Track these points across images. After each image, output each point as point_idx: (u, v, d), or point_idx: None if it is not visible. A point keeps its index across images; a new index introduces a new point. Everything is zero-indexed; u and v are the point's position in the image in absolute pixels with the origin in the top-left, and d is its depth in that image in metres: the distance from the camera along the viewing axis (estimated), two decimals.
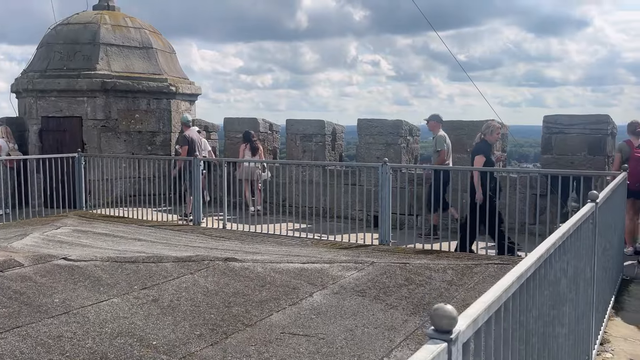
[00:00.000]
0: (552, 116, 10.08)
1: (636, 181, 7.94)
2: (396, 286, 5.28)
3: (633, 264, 7.22)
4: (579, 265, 3.55)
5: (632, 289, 6.28)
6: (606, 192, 4.61)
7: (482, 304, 1.78)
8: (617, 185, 5.51)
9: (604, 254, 4.78)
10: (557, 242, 2.82)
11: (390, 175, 8.07)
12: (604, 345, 4.68)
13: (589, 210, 3.76)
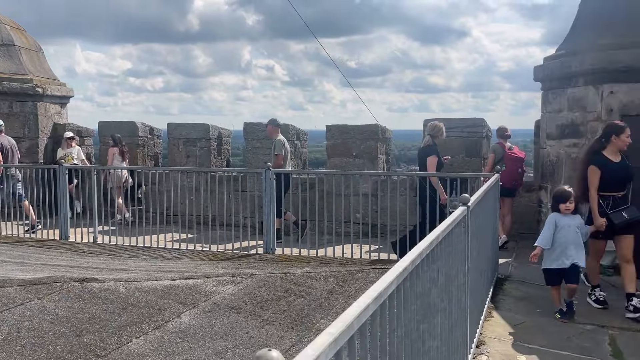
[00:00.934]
0: (430, 120, 10.35)
1: (512, 179, 8.33)
2: (275, 299, 4.99)
3: (508, 262, 7.49)
4: (451, 272, 3.44)
5: (507, 287, 6.46)
6: (478, 195, 4.61)
7: (327, 337, 1.51)
8: (490, 187, 5.61)
9: (479, 256, 4.80)
10: (425, 252, 2.65)
11: (274, 180, 7.81)
12: (480, 347, 4.69)
13: (461, 214, 3.69)
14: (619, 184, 5.58)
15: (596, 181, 5.52)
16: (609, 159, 5.58)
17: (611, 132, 5.58)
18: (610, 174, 5.52)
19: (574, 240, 5.34)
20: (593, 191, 5.55)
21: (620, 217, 5.46)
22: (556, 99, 8.02)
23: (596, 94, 7.07)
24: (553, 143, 8.07)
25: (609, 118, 6.95)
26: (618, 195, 5.57)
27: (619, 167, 5.57)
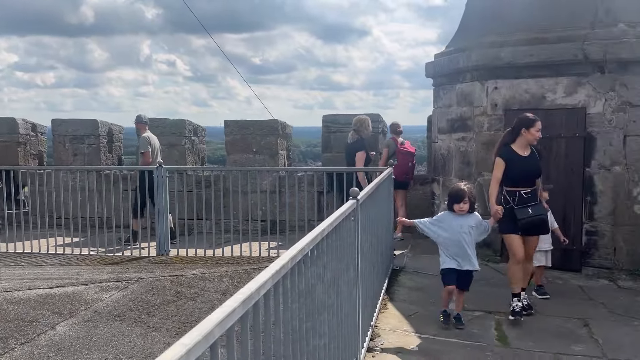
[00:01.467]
0: (330, 116, 10.39)
1: (403, 173, 8.54)
2: (163, 304, 4.72)
3: (403, 254, 7.65)
4: (340, 266, 3.38)
5: (402, 278, 6.58)
6: (369, 189, 4.62)
7: (179, 349, 1.34)
8: (383, 180, 5.66)
9: (371, 249, 4.81)
10: (307, 248, 2.55)
11: (166, 178, 7.45)
12: (375, 340, 4.70)
13: (349, 208, 3.64)
14: (526, 179, 5.23)
15: (498, 174, 5.22)
16: (517, 152, 5.26)
17: (521, 125, 5.27)
18: (517, 168, 5.20)
19: (466, 242, 4.97)
20: (494, 183, 5.27)
21: (525, 213, 5.11)
22: (446, 94, 8.31)
23: (482, 90, 7.39)
24: (444, 137, 8.36)
25: (494, 112, 7.29)
26: (525, 191, 5.20)
27: (526, 162, 5.25)
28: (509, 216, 5.16)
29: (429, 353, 4.50)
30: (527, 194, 5.21)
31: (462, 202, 4.94)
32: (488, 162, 7.35)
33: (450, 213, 5.04)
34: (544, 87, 6.95)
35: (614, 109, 6.64)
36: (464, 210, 4.95)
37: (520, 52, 6.97)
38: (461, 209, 4.94)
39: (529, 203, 5.17)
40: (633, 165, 6.66)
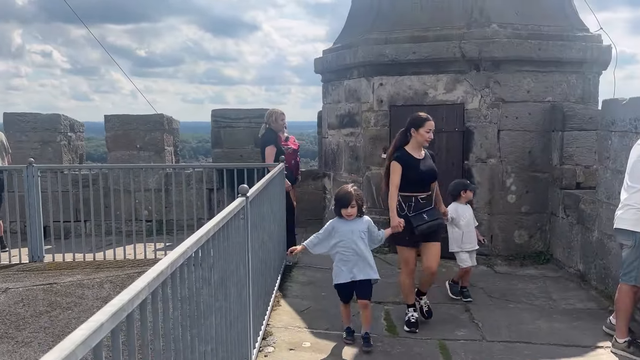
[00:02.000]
0: (220, 110, 10.15)
1: (288, 170, 8.50)
2: (34, 315, 4.31)
3: None
4: (229, 267, 3.26)
5: (294, 273, 6.57)
6: (258, 186, 4.52)
7: None
8: (274, 176, 5.58)
9: (263, 247, 4.72)
10: (190, 251, 2.41)
11: (38, 178, 6.84)
12: (267, 339, 4.63)
13: (238, 206, 3.52)
14: (421, 183, 4.90)
15: (397, 179, 4.83)
16: (411, 154, 4.92)
17: (410, 125, 4.95)
18: (411, 171, 4.85)
19: (360, 248, 4.50)
20: (393, 189, 4.85)
21: (420, 219, 4.78)
22: (335, 90, 8.40)
23: (368, 86, 7.55)
24: (333, 132, 8.45)
25: (380, 108, 7.48)
26: (422, 196, 4.89)
27: (420, 165, 4.92)
28: (404, 226, 4.79)
29: (322, 348, 4.50)
30: (423, 199, 4.89)
31: (349, 206, 4.50)
32: (375, 156, 7.56)
33: (339, 219, 4.59)
34: (426, 83, 7.23)
35: (489, 104, 7.06)
36: (351, 215, 4.52)
37: (403, 50, 7.20)
38: (349, 213, 4.51)
39: (425, 209, 4.86)
40: (506, 157, 7.12)
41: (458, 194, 5.68)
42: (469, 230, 5.65)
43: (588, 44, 7.25)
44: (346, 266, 4.50)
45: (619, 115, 5.45)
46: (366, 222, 4.61)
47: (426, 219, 4.81)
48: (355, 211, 4.53)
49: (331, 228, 4.61)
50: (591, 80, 7.40)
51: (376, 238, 4.69)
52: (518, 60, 6.99)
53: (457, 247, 5.65)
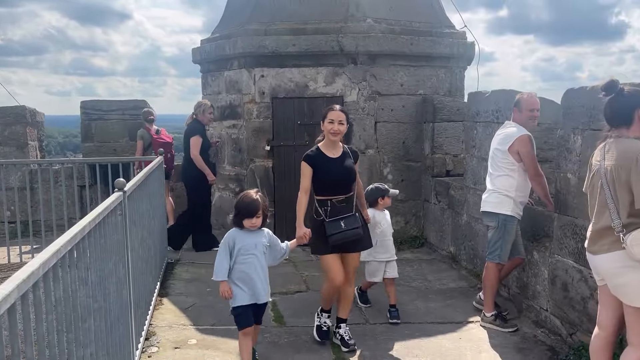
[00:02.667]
0: (90, 102, 9.56)
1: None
2: None
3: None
4: (107, 266, 3.08)
5: (177, 271, 6.37)
6: (137, 179, 4.31)
7: None
8: (152, 170, 5.36)
9: (143, 244, 4.52)
10: (63, 250, 2.23)
11: None
12: (150, 339, 4.45)
13: (115, 202, 3.33)
14: (339, 184, 4.25)
15: (305, 183, 4.23)
16: (325, 153, 4.28)
17: (321, 120, 4.34)
18: (323, 173, 4.23)
19: (262, 265, 3.87)
20: (301, 194, 4.23)
21: (336, 227, 4.15)
22: (215, 81, 8.24)
23: (249, 77, 7.49)
24: (215, 125, 8.28)
25: (262, 100, 7.45)
26: (337, 199, 4.23)
27: (337, 164, 4.26)
28: (322, 233, 4.20)
29: (208, 344, 4.41)
30: (341, 202, 4.24)
31: (254, 216, 3.80)
32: (258, 148, 7.53)
33: (238, 230, 3.85)
34: (307, 76, 7.33)
35: (366, 97, 7.32)
36: (256, 225, 3.83)
37: (283, 42, 7.23)
38: (253, 224, 3.81)
39: (343, 214, 4.21)
40: (383, 148, 7.44)
41: (375, 201, 5.03)
42: (384, 239, 5.03)
43: (454, 40, 7.76)
44: (247, 285, 3.80)
45: (482, 107, 5.91)
46: (267, 234, 3.95)
47: (342, 227, 4.16)
48: (260, 222, 3.85)
49: (231, 242, 3.83)
50: (458, 74, 7.95)
51: (279, 252, 4.04)
52: (392, 54, 7.31)
53: (369, 255, 4.93)
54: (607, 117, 3.19)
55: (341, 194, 4.27)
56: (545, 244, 4.77)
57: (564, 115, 4.41)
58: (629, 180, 2.93)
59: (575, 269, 4.27)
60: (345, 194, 4.28)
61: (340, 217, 4.20)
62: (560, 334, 4.51)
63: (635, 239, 2.92)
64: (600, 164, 3.13)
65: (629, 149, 2.98)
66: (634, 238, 2.93)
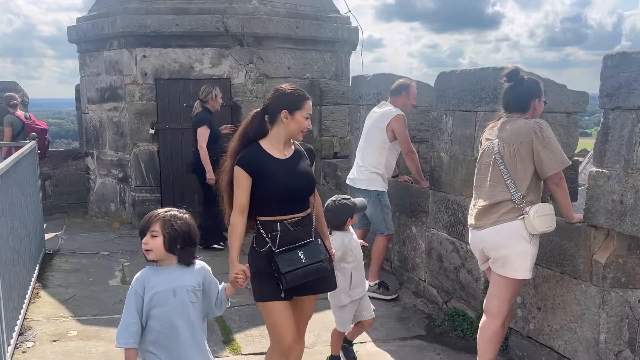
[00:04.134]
0: None
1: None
2: None
3: (57, 235, 7.00)
4: None
5: (56, 261, 6.03)
6: (5, 164, 4.01)
7: None
8: (23, 156, 5.00)
9: (13, 233, 4.22)
10: None
11: None
12: (26, 333, 4.20)
13: None
14: (289, 198, 2.90)
15: (242, 196, 2.84)
16: (269, 153, 2.91)
17: (280, 106, 2.90)
18: (269, 181, 2.85)
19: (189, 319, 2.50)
20: (236, 214, 2.85)
21: (293, 261, 2.84)
22: (93, 61, 7.81)
23: (131, 58, 7.18)
24: (95, 107, 7.88)
25: (145, 82, 7.18)
26: (291, 220, 2.89)
27: (289, 168, 2.92)
28: (268, 270, 2.86)
29: (90, 335, 4.24)
30: (295, 224, 2.90)
31: (147, 232, 2.43)
32: (142, 132, 7.27)
33: (150, 268, 2.50)
34: (192, 57, 7.16)
35: (254, 80, 7.30)
36: (150, 250, 2.43)
37: (166, 21, 7.00)
38: (146, 247, 2.43)
39: (300, 241, 2.90)
40: None
41: (343, 223, 3.54)
42: (357, 268, 3.59)
43: (339, 25, 7.94)
44: (167, 352, 2.47)
45: (365, 90, 6.12)
46: (201, 272, 2.55)
47: (302, 261, 2.85)
48: (159, 245, 2.42)
49: (140, 287, 2.45)
50: (343, 59, 8.15)
51: (218, 300, 2.63)
52: (278, 37, 7.33)
53: (345, 297, 3.54)
54: (505, 102, 3.31)
55: (296, 211, 2.91)
56: (422, 219, 5.07)
57: (437, 97, 4.70)
58: (530, 154, 3.10)
59: (449, 241, 4.59)
60: (301, 211, 2.93)
61: (297, 245, 2.88)
62: (437, 302, 4.84)
63: (539, 211, 3.07)
64: (492, 142, 3.26)
65: (525, 125, 3.15)
66: (538, 209, 3.07)
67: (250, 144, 2.94)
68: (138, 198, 7.37)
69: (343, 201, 3.57)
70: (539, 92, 3.28)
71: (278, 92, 2.96)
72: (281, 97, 2.94)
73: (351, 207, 3.56)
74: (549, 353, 3.51)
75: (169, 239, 2.42)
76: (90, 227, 7.62)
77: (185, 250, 2.48)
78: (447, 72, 4.59)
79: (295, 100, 2.92)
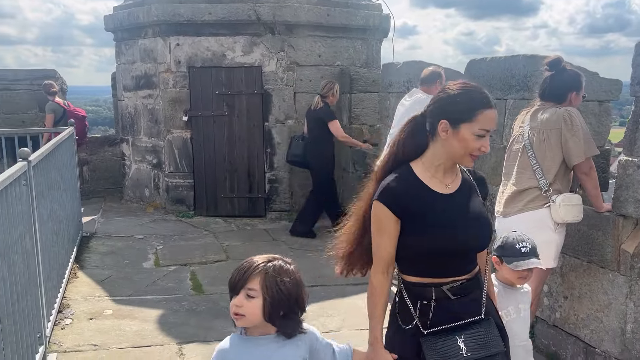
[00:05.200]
0: None
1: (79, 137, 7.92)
2: None
3: (93, 219, 7.24)
4: (10, 237, 3.01)
5: (93, 244, 6.24)
6: (44, 150, 4.18)
7: None
8: (62, 141, 5.19)
9: (53, 216, 4.41)
10: None
11: None
12: (64, 311, 4.39)
13: (18, 172, 3.24)
14: (454, 253, 1.99)
15: (386, 247, 2.01)
16: (426, 185, 2.01)
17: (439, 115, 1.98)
18: (434, 225, 1.97)
19: None
20: (377, 275, 2.05)
21: (448, 351, 1.94)
22: (129, 50, 7.98)
23: (165, 46, 7.32)
24: (130, 95, 8.07)
25: (178, 70, 7.32)
26: (453, 285, 2.00)
27: (449, 208, 2.01)
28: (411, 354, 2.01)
29: (124, 314, 4.41)
30: (458, 291, 2.01)
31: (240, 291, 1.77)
32: (176, 119, 7.42)
33: (241, 339, 1.83)
34: (224, 45, 7.25)
35: (285, 68, 7.35)
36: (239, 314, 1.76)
37: (199, 10, 7.10)
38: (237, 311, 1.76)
39: (463, 318, 2.00)
40: (302, 118, 7.51)
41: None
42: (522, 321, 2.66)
43: (370, 12, 7.91)
44: None
45: (395, 78, 6.12)
46: (305, 341, 1.85)
47: (463, 354, 1.94)
48: (256, 309, 1.75)
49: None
50: (374, 46, 8.12)
51: None
52: (309, 25, 7.36)
53: None
54: (542, 90, 3.27)
55: (461, 272, 2.02)
56: None
57: None
58: (559, 142, 3.09)
59: None
60: (468, 271, 2.04)
61: (457, 326, 1.97)
62: None
63: (566, 200, 3.06)
64: (523, 130, 3.26)
65: (555, 113, 3.14)
66: (565, 198, 3.06)
67: (400, 166, 2.02)
68: (171, 184, 7.55)
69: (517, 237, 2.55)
70: (578, 85, 3.24)
71: (443, 91, 2.02)
72: (444, 100, 1.98)
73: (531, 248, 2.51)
74: (574, 342, 3.50)
75: (270, 303, 1.72)
76: (125, 211, 7.84)
77: (289, 319, 1.76)
78: (478, 60, 4.57)
79: (462, 106, 1.93)
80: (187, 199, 7.54)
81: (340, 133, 6.48)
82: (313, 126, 6.52)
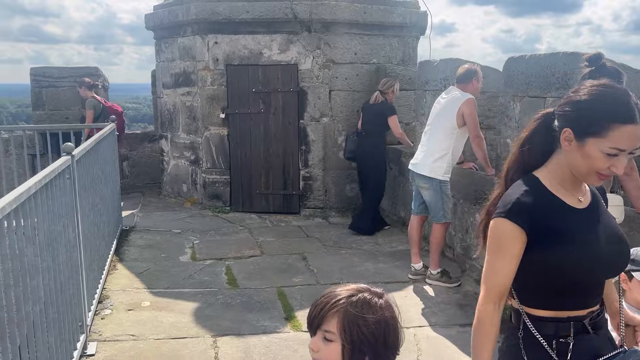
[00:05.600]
0: (40, 68, 9.31)
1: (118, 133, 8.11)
2: None
3: (133, 213, 7.42)
4: (55, 228, 3.12)
5: (132, 237, 6.40)
6: (87, 145, 4.32)
7: None
8: (104, 137, 5.34)
9: (95, 209, 4.55)
10: (8, 208, 2.28)
11: None
12: (104, 302, 4.53)
13: (62, 165, 3.36)
14: (596, 279, 1.71)
15: (505, 270, 1.67)
16: (558, 197, 1.70)
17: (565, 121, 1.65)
18: (570, 247, 1.63)
19: None
20: (487, 306, 1.72)
21: None
22: (168, 47, 8.15)
23: (203, 44, 7.44)
24: (169, 92, 8.23)
25: (216, 67, 7.43)
26: (590, 316, 1.71)
27: (584, 227, 1.68)
28: None
29: (162, 306, 4.52)
30: (596, 324, 1.73)
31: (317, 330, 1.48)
32: (213, 116, 7.54)
33: None
34: (261, 43, 7.33)
35: (321, 65, 7.38)
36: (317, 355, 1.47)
37: (236, 8, 7.19)
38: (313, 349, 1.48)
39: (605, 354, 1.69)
40: (337, 116, 7.55)
41: None
42: None
43: (407, 9, 7.86)
44: None
45: (431, 76, 6.07)
46: None
47: None
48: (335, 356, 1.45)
49: None
50: (410, 44, 8.07)
51: None
52: (346, 23, 7.36)
53: None
54: None
55: (596, 302, 1.75)
56: None
57: (505, 83, 4.62)
58: None
59: None
60: (599, 301, 1.77)
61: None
62: None
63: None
64: None
65: None
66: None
67: (525, 175, 1.73)
68: (208, 180, 7.68)
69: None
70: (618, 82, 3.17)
71: (575, 91, 1.67)
72: (571, 104, 1.65)
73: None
74: None
75: (350, 350, 1.44)
76: (163, 206, 8.01)
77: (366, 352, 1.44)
78: (516, 57, 4.50)
79: (592, 116, 1.59)
80: (224, 195, 7.65)
81: (398, 129, 6.57)
82: (370, 119, 6.56)
